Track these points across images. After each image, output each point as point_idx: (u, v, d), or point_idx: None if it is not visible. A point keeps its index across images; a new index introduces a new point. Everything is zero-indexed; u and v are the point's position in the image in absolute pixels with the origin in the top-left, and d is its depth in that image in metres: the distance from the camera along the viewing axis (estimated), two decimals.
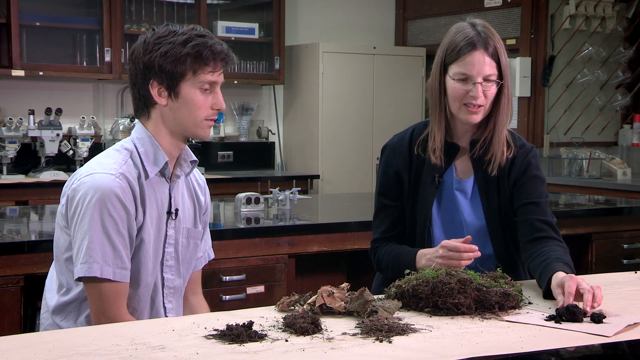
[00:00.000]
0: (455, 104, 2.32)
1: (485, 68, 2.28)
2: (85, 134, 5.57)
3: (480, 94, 2.28)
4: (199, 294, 2.38)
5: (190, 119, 2.10)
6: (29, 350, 1.60)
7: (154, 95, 2.08)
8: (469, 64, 2.28)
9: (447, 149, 2.40)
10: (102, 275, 1.99)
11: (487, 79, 2.29)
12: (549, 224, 2.37)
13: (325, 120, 6.43)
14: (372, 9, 7.17)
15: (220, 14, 6.42)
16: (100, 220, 1.99)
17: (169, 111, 2.10)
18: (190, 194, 2.28)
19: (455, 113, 2.34)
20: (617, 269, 3.74)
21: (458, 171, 2.43)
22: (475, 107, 2.30)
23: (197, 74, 2.07)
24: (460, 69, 2.29)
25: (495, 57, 2.30)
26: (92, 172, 2.04)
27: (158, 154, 2.12)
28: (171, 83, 2.07)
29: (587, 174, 6.12)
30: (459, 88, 2.30)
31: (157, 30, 2.10)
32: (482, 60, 2.28)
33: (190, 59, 2.05)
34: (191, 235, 2.25)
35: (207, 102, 2.09)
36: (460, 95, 2.30)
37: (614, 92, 6.50)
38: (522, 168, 2.41)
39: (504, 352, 1.64)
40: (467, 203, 2.41)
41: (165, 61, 2.05)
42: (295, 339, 1.70)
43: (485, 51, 2.28)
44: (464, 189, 2.42)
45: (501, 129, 2.36)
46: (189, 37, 2.06)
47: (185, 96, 2.08)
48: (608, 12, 6.35)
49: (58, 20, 5.70)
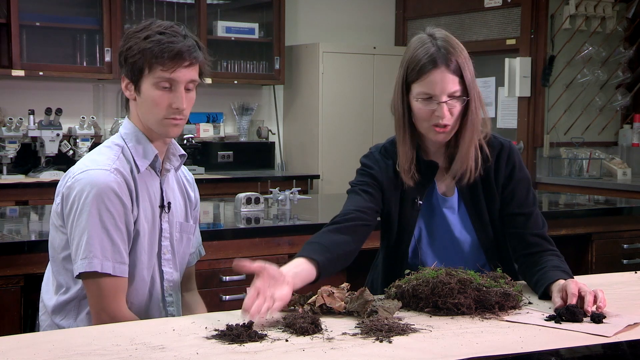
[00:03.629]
0: (423, 124, 2.24)
1: (448, 86, 2.16)
2: (85, 134, 5.57)
3: (447, 114, 2.18)
4: (194, 290, 2.39)
5: (151, 116, 2.10)
6: (29, 350, 1.60)
7: (123, 88, 2.13)
8: (431, 82, 2.17)
9: (425, 168, 2.32)
10: (102, 270, 2.00)
11: (452, 96, 2.19)
12: (541, 237, 2.30)
13: (325, 120, 6.43)
14: (372, 9, 7.17)
15: (220, 14, 6.42)
16: (98, 215, 2.00)
17: (137, 106, 2.13)
18: (181, 189, 2.29)
19: (424, 133, 2.26)
20: (617, 269, 3.74)
21: (441, 188, 2.35)
22: (442, 127, 2.21)
23: (152, 71, 2.06)
24: (422, 89, 2.19)
25: (458, 72, 2.18)
26: (87, 169, 2.05)
27: (147, 147, 2.13)
28: (134, 78, 2.09)
29: (587, 174, 6.12)
30: (423, 109, 2.20)
31: (139, 25, 2.13)
32: (444, 79, 2.16)
33: (147, 55, 2.06)
34: (184, 229, 2.26)
35: (165, 100, 2.07)
36: (427, 116, 2.21)
37: (614, 92, 6.49)
38: (507, 171, 2.33)
39: (504, 352, 1.64)
40: (456, 219, 2.34)
41: (128, 55, 2.09)
42: (295, 339, 1.70)
43: (447, 68, 2.17)
44: (451, 206, 2.35)
45: (468, 145, 2.25)
46: (150, 34, 2.07)
47: (145, 92, 2.09)
48: (608, 12, 6.34)
49: (58, 20, 5.70)
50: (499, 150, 2.34)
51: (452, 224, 2.34)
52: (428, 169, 2.32)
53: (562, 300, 2.00)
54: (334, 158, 6.47)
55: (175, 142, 2.23)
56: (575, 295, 1.96)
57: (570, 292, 1.97)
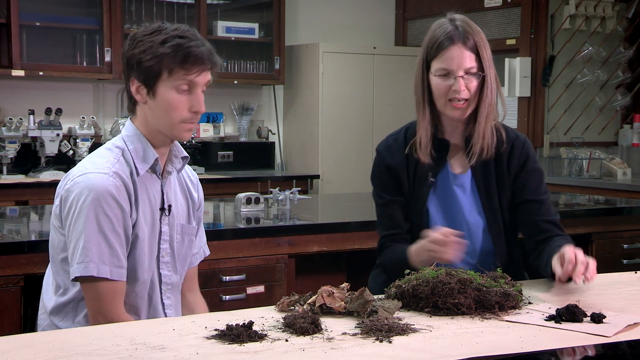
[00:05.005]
0: (440, 100, 2.34)
1: (465, 61, 2.29)
2: (85, 134, 5.57)
3: (463, 88, 2.29)
4: (195, 291, 2.39)
5: (166, 120, 2.09)
6: (29, 350, 1.60)
7: (133, 92, 2.10)
8: (448, 58, 2.30)
9: (438, 146, 2.40)
10: (99, 274, 1.99)
11: (469, 72, 2.30)
12: (553, 223, 2.40)
13: (325, 120, 6.43)
14: (372, 9, 7.17)
15: (220, 14, 6.42)
16: (96, 219, 1.99)
17: (148, 109, 2.11)
18: (183, 190, 2.28)
19: (441, 109, 2.36)
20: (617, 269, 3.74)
21: (454, 167, 2.43)
22: (459, 102, 2.31)
23: (172, 74, 2.05)
24: (440, 65, 2.31)
25: (475, 50, 2.31)
26: (86, 172, 2.04)
27: (147, 150, 2.12)
28: (149, 82, 2.07)
29: (587, 174, 6.12)
30: (441, 84, 2.32)
31: (147, 27, 2.11)
32: (461, 54, 2.30)
33: (167, 58, 2.04)
34: (185, 231, 2.25)
35: (184, 103, 2.07)
36: (444, 91, 2.31)
37: (614, 92, 6.49)
38: (521, 161, 2.42)
39: (504, 352, 1.64)
40: (466, 199, 2.41)
41: (144, 59, 2.05)
42: (295, 339, 1.70)
43: (463, 45, 2.30)
44: (462, 184, 2.41)
45: (485, 121, 2.35)
46: (169, 37, 2.06)
47: (161, 96, 2.07)
48: (608, 12, 6.35)
49: (58, 20, 5.70)
50: (514, 140, 2.43)
51: (463, 204, 2.41)
52: (442, 147, 2.40)
53: (560, 266, 2.07)
54: (334, 158, 6.47)
55: (178, 144, 2.22)
56: (572, 261, 2.03)
57: (567, 258, 2.04)
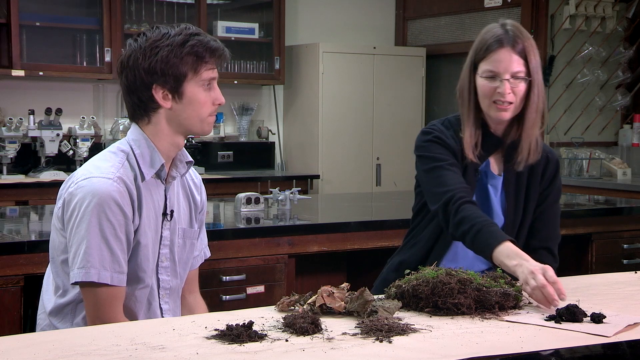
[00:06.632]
0: (485, 101, 2.36)
1: (512, 65, 2.31)
2: (85, 134, 5.57)
3: (508, 91, 2.31)
4: (196, 293, 2.38)
5: (196, 117, 2.11)
6: (29, 350, 1.60)
7: (158, 99, 2.09)
8: (496, 61, 2.32)
9: (489, 143, 2.41)
10: (99, 280, 1.99)
11: (515, 76, 2.31)
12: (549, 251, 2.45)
13: (325, 120, 6.43)
14: (372, 9, 7.17)
15: (220, 14, 6.42)
16: (98, 225, 1.99)
17: (173, 113, 2.10)
18: (185, 194, 2.27)
19: (485, 110, 2.38)
20: (617, 269, 3.74)
21: (492, 167, 2.46)
22: (504, 104, 2.33)
23: (198, 73, 2.09)
24: (488, 66, 2.33)
25: (523, 54, 2.32)
26: (90, 176, 2.03)
27: (154, 156, 2.11)
28: (175, 85, 2.08)
29: (587, 174, 6.12)
30: (487, 85, 2.33)
31: (149, 35, 2.10)
32: (509, 58, 2.31)
33: (191, 58, 2.07)
34: (187, 235, 2.25)
35: (210, 98, 2.12)
36: (489, 93, 2.33)
37: (614, 92, 6.50)
38: (550, 177, 2.47)
39: (504, 352, 1.64)
40: (496, 201, 2.44)
41: (167, 64, 2.06)
42: (295, 339, 1.70)
43: (512, 49, 2.31)
44: (495, 185, 2.45)
45: (531, 127, 2.36)
46: (186, 38, 2.08)
47: (190, 96, 2.09)
48: (608, 12, 6.35)
49: (58, 20, 5.70)
50: (548, 154, 2.48)
51: (492, 201, 2.44)
52: (492, 145, 2.42)
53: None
54: (334, 158, 6.47)
55: (184, 148, 2.21)
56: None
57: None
